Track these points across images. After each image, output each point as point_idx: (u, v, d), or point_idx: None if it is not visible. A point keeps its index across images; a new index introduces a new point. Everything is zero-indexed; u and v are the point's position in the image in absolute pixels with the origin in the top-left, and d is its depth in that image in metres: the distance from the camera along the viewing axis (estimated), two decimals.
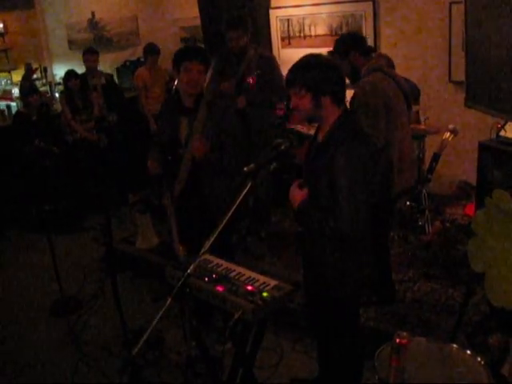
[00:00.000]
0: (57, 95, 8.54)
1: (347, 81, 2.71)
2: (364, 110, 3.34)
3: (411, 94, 3.85)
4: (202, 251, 2.32)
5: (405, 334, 2.25)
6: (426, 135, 4.91)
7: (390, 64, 4.16)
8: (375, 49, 3.78)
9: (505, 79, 3.35)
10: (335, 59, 3.43)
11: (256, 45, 5.02)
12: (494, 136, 4.25)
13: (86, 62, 6.63)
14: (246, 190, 2.32)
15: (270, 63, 4.88)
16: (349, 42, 3.53)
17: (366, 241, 2.64)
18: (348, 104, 3.05)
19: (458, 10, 5.03)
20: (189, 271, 2.28)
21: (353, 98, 3.46)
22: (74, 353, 3.86)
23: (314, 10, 6.27)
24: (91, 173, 6.35)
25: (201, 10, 6.48)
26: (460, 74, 4.96)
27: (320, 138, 2.61)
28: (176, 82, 4.11)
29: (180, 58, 3.37)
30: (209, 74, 3.69)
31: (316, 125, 2.73)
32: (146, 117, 6.55)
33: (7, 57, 9.64)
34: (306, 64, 2.48)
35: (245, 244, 4.98)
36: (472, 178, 4.60)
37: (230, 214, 2.30)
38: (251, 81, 4.70)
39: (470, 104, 4.07)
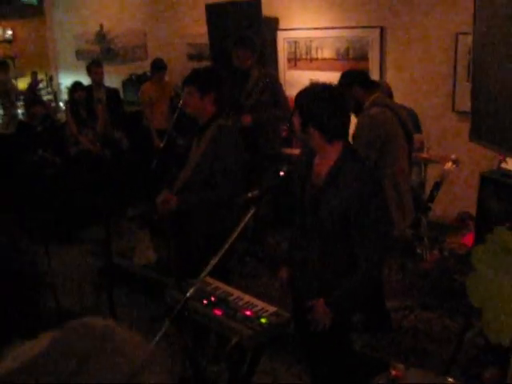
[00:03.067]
0: (61, 104, 8.58)
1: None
2: (357, 142, 3.56)
3: (413, 124, 3.98)
4: (203, 274, 2.32)
5: (401, 365, 2.25)
6: (427, 163, 4.93)
7: (389, 93, 4.29)
8: (378, 83, 4.01)
9: (509, 116, 3.36)
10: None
11: (260, 66, 5.06)
12: (495, 167, 4.28)
13: (91, 74, 6.66)
14: (249, 216, 2.34)
15: (277, 82, 4.96)
16: (352, 77, 3.75)
17: None
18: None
19: (465, 41, 5.08)
20: (188, 295, 2.28)
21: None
22: None
23: (322, 33, 6.31)
24: (92, 184, 6.34)
25: (209, 28, 6.54)
26: (463, 104, 4.98)
27: (322, 173, 2.55)
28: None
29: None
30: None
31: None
32: (150, 131, 6.56)
33: (14, 64, 9.69)
34: (310, 91, 2.52)
35: (242, 264, 4.97)
36: (472, 208, 4.61)
37: (233, 238, 2.31)
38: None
39: (473, 138, 4.06)
